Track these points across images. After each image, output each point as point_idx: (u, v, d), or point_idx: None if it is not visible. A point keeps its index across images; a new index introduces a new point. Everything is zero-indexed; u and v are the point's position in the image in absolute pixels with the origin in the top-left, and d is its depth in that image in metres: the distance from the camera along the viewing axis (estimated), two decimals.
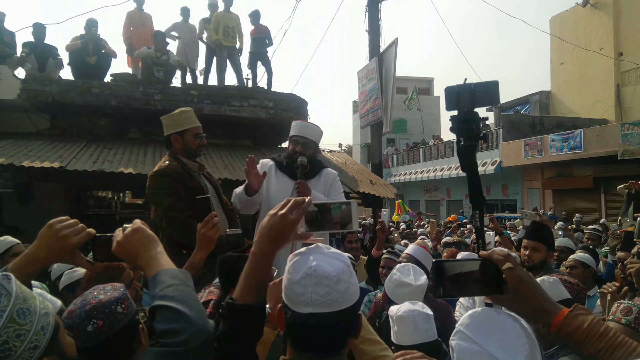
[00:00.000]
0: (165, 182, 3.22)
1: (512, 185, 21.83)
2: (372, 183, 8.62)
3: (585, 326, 1.07)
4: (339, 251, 1.25)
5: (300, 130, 3.42)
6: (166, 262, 1.30)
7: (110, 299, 1.34)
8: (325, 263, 1.16)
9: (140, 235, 1.33)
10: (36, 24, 8.28)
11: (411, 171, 28.83)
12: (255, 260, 1.22)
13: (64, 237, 1.33)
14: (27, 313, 1.02)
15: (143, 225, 1.37)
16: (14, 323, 0.99)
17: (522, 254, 3.56)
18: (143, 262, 1.30)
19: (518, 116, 22.80)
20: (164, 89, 8.20)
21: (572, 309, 1.10)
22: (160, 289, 1.18)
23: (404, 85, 32.99)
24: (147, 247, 1.32)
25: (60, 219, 1.36)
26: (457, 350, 1.17)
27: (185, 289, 1.20)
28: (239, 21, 9.27)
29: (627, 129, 15.17)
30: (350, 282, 1.17)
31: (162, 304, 1.15)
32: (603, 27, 21.07)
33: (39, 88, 7.58)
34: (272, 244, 1.23)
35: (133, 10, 9.41)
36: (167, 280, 1.21)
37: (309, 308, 1.12)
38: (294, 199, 1.26)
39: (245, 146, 9.04)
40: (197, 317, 1.14)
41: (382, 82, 8.94)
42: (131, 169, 6.64)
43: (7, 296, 1.00)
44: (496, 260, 1.17)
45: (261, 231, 1.24)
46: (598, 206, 17.39)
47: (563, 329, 1.08)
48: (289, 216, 1.23)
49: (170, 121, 3.38)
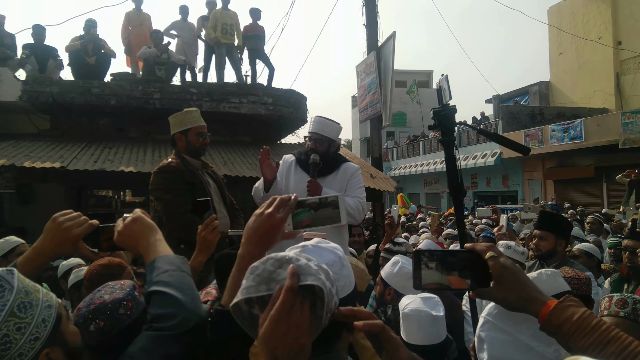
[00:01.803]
0: (166, 178, 3.31)
1: (512, 176, 21.81)
2: (373, 177, 8.63)
3: (575, 318, 0.99)
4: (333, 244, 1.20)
5: (315, 126, 3.41)
6: (164, 248, 1.33)
7: (113, 300, 1.37)
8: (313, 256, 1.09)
9: (140, 223, 1.38)
10: (36, 26, 8.31)
11: (411, 164, 28.80)
12: (243, 263, 1.14)
13: (67, 228, 1.39)
14: (29, 306, 1.05)
15: (143, 214, 1.41)
16: (14, 317, 1.02)
17: (531, 243, 3.53)
18: (142, 249, 1.34)
19: (518, 107, 22.74)
20: (163, 87, 8.22)
21: (562, 300, 1.03)
22: (156, 275, 1.22)
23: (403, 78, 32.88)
24: (146, 234, 1.36)
25: (64, 212, 1.43)
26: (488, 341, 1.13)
27: (180, 275, 1.24)
28: (237, 18, 9.26)
29: (627, 118, 15.11)
30: (342, 274, 1.12)
31: (156, 289, 1.19)
32: (601, 16, 20.99)
33: (39, 89, 7.61)
34: (259, 245, 1.17)
35: (131, 10, 9.41)
36: (163, 266, 1.25)
37: None
38: (279, 197, 1.22)
39: (244, 142, 9.06)
40: (190, 301, 1.17)
41: (380, 75, 8.92)
42: (131, 168, 6.68)
43: (9, 290, 1.03)
44: (479, 251, 1.11)
45: (247, 232, 1.19)
46: (600, 196, 17.38)
47: (551, 320, 1.01)
48: (276, 215, 1.18)
49: (176, 120, 3.48)
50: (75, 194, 8.55)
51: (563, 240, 3.42)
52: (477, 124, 23.75)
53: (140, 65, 8.94)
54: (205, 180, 3.47)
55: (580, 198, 17.17)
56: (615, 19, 20.54)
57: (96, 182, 8.19)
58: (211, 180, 3.57)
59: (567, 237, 3.56)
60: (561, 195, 18.54)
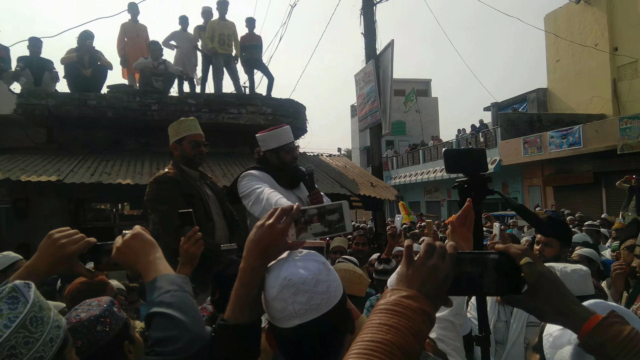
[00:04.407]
0: (162, 188, 3.24)
1: (512, 183, 21.79)
2: (373, 185, 8.58)
3: (621, 338, 0.89)
4: (311, 251, 1.19)
5: (290, 135, 3.31)
6: (165, 267, 1.28)
7: (89, 318, 1.35)
8: (298, 269, 1.11)
9: (139, 240, 1.33)
10: (32, 38, 8.28)
11: (411, 173, 28.81)
12: (244, 277, 1.13)
13: (62, 246, 1.34)
14: (40, 322, 1.03)
15: (143, 231, 1.36)
16: (25, 330, 1.00)
17: (535, 249, 3.51)
18: (142, 268, 1.29)
19: (516, 114, 22.78)
20: (160, 98, 8.18)
21: (607, 316, 0.93)
22: (158, 295, 1.18)
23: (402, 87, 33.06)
24: (146, 252, 1.31)
25: (60, 229, 1.38)
26: None
27: (182, 295, 1.19)
28: (235, 29, 9.24)
29: (625, 123, 15.15)
30: (330, 279, 1.12)
31: (158, 310, 1.14)
32: (597, 22, 21.10)
33: (35, 102, 7.56)
34: (261, 257, 1.14)
35: (127, 21, 9.38)
36: (164, 286, 1.20)
37: (295, 320, 1.07)
38: (280, 207, 1.18)
39: (243, 153, 8.99)
40: (193, 324, 1.13)
41: (379, 84, 8.91)
42: (129, 180, 6.61)
43: (24, 303, 1.02)
44: (513, 254, 1.00)
45: (248, 244, 1.16)
46: (599, 201, 17.37)
47: (594, 337, 0.92)
48: (277, 226, 1.15)
49: (172, 130, 3.41)
50: (73, 208, 8.49)
51: (567, 247, 3.44)
52: (476, 131, 23.79)
53: (137, 77, 8.89)
54: (203, 191, 3.40)
55: (580, 204, 17.15)
56: (612, 26, 20.64)
57: (94, 196, 8.12)
58: (210, 191, 3.50)
59: (570, 243, 3.59)
60: (561, 201, 18.52)
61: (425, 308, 0.88)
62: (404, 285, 0.93)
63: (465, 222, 1.54)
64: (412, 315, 0.86)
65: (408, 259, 0.96)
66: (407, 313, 0.86)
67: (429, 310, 0.89)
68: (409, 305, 0.88)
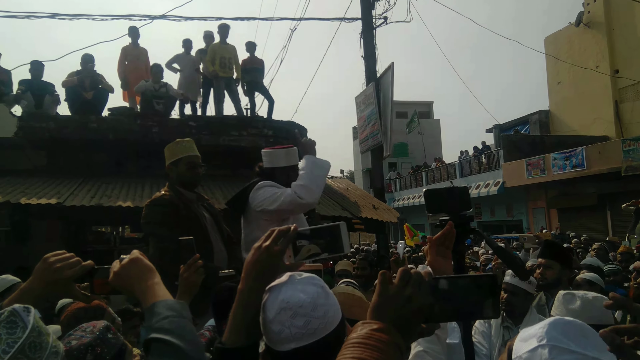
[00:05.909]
0: (158, 211, 3.18)
1: (516, 205, 21.68)
2: (375, 208, 8.52)
3: None
4: (311, 274, 1.20)
5: (297, 157, 3.30)
6: (163, 292, 1.25)
7: (79, 346, 1.30)
8: (296, 292, 1.11)
9: (137, 265, 1.30)
10: (34, 62, 8.34)
11: (414, 195, 28.71)
12: (243, 299, 1.14)
13: (57, 270, 1.33)
14: (38, 348, 1.04)
15: (141, 255, 1.33)
16: (24, 355, 1.00)
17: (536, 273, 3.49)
18: (139, 293, 1.26)
19: (518, 136, 22.80)
20: (161, 121, 8.18)
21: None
22: (156, 321, 1.14)
23: (404, 109, 33.23)
24: (143, 277, 1.28)
25: (56, 253, 1.37)
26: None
27: (181, 321, 1.16)
28: (236, 52, 9.31)
29: (628, 145, 15.14)
30: (328, 303, 1.12)
31: (157, 336, 1.11)
32: (597, 45, 21.23)
33: (36, 125, 7.58)
34: (259, 279, 1.15)
35: (128, 45, 9.45)
36: (162, 311, 1.17)
37: (292, 344, 1.06)
38: (278, 229, 1.19)
39: (245, 176, 8.95)
40: (193, 350, 1.10)
41: (380, 106, 8.91)
42: (129, 203, 6.57)
43: (22, 328, 1.02)
44: None
45: (246, 266, 1.17)
46: (604, 223, 17.23)
47: None
48: (274, 247, 1.15)
49: (168, 151, 3.37)
50: (73, 231, 8.44)
51: (568, 270, 3.49)
52: (479, 153, 23.78)
53: (138, 100, 8.92)
54: (200, 213, 3.35)
55: (585, 226, 16.99)
56: (612, 48, 20.77)
57: (94, 218, 8.08)
58: (207, 213, 3.45)
59: (571, 265, 3.62)
60: (565, 223, 18.39)
61: (397, 340, 0.88)
62: (376, 316, 0.93)
63: (444, 242, 1.54)
64: (384, 348, 0.86)
65: (382, 288, 0.95)
66: (379, 346, 0.87)
67: (400, 342, 0.89)
68: (379, 337, 0.88)
